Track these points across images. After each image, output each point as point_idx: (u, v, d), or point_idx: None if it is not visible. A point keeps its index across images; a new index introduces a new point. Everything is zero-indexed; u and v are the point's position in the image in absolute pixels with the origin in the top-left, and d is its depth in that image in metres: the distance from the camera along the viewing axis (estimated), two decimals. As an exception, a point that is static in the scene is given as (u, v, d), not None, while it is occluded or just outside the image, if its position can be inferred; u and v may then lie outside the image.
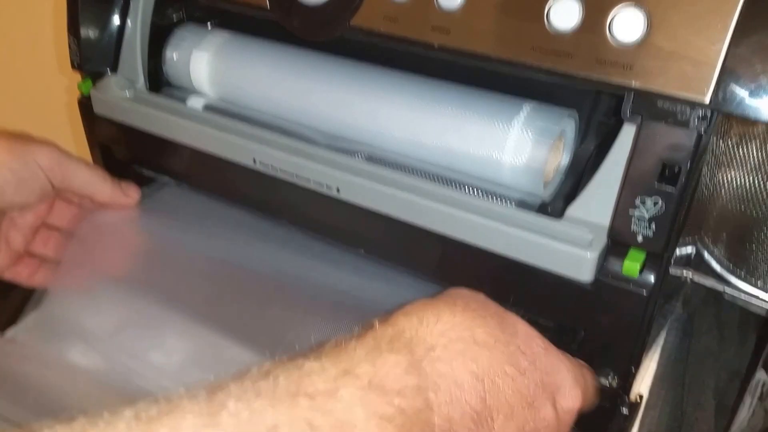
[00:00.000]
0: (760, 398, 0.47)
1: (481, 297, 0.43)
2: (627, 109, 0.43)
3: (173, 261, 0.64)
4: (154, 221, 0.67)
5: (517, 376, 0.39)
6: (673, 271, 0.54)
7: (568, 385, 0.42)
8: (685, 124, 0.42)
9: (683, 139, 0.42)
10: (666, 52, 0.41)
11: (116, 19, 0.66)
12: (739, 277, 0.64)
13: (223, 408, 0.31)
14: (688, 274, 0.65)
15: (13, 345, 0.60)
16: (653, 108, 0.42)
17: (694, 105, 0.41)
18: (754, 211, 0.60)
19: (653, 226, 0.45)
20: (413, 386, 0.35)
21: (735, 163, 0.61)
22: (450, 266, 0.55)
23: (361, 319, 0.55)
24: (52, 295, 0.62)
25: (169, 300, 0.59)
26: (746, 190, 0.61)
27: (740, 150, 0.60)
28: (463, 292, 0.43)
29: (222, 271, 0.62)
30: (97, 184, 0.64)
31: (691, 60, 0.40)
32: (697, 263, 0.65)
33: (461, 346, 0.38)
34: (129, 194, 0.66)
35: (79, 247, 0.65)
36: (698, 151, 0.43)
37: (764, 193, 0.60)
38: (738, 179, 0.61)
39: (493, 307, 0.42)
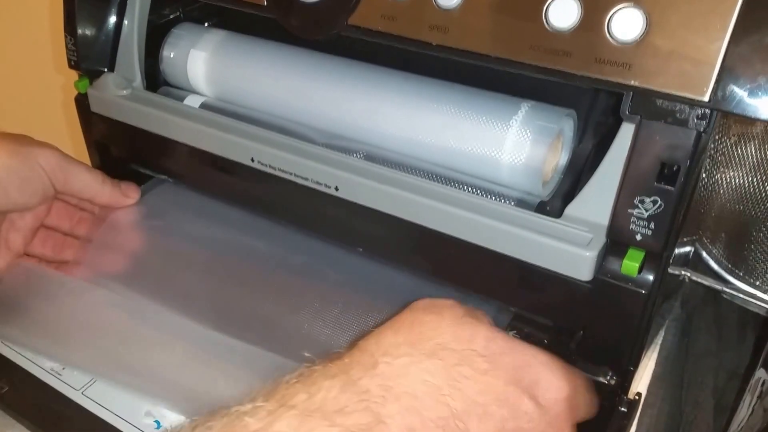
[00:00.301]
0: (760, 397, 0.47)
1: (438, 307, 0.42)
2: (626, 108, 0.43)
3: (167, 261, 0.64)
4: (150, 221, 0.67)
5: (478, 377, 0.38)
6: (672, 270, 0.54)
7: (546, 378, 0.41)
8: (684, 123, 0.41)
9: (682, 138, 0.42)
10: (665, 51, 0.41)
11: (113, 18, 0.66)
12: (737, 276, 0.64)
13: None
14: (686, 273, 0.65)
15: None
16: (652, 107, 0.42)
17: (693, 104, 0.41)
18: (752, 211, 0.60)
19: (652, 225, 0.45)
20: (355, 403, 0.34)
21: (733, 163, 0.61)
22: (448, 265, 0.55)
23: (351, 312, 0.56)
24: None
25: (165, 297, 0.59)
26: (745, 190, 0.61)
27: (739, 150, 0.60)
28: (419, 305, 0.42)
29: (219, 269, 0.62)
30: (96, 186, 0.65)
31: (690, 59, 0.40)
32: (695, 263, 0.65)
33: (407, 360, 0.37)
34: (129, 195, 0.67)
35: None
36: (697, 151, 0.42)
37: (763, 193, 0.60)
38: (736, 179, 0.61)
39: (450, 314, 0.41)
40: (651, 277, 0.47)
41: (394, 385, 0.36)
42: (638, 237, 0.45)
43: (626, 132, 0.45)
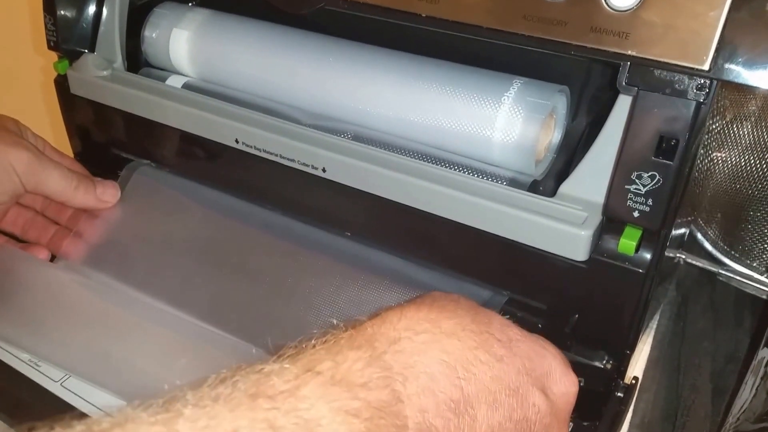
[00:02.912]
0: (764, 378, 0.46)
1: (454, 296, 0.42)
2: (623, 79, 0.42)
3: (148, 248, 0.63)
4: (131, 207, 0.66)
5: (493, 363, 0.38)
6: (667, 253, 0.53)
7: (558, 370, 0.41)
8: (683, 94, 0.40)
9: (681, 109, 0.41)
10: (663, 19, 0.39)
11: (93, -3, 0.64)
12: (733, 258, 0.63)
13: (179, 416, 0.30)
14: (681, 256, 0.64)
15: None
16: (650, 78, 0.41)
17: (692, 73, 0.40)
18: (748, 190, 0.60)
19: (650, 201, 0.43)
20: (378, 378, 0.34)
21: (729, 142, 0.60)
22: (440, 247, 0.53)
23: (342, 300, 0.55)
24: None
25: (148, 287, 0.58)
26: (741, 169, 0.60)
27: (734, 129, 0.59)
28: (437, 294, 0.42)
29: (202, 255, 0.61)
30: (69, 191, 0.63)
31: (689, 27, 0.39)
32: (690, 245, 0.64)
33: (427, 336, 0.37)
34: (104, 199, 0.65)
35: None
36: (697, 123, 0.41)
37: (759, 172, 0.59)
38: (732, 158, 0.60)
39: (466, 302, 0.41)
40: (648, 256, 0.46)
41: (414, 363, 0.36)
42: (635, 214, 0.44)
43: (623, 105, 0.44)
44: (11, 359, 0.54)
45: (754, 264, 0.61)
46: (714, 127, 0.59)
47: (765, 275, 0.61)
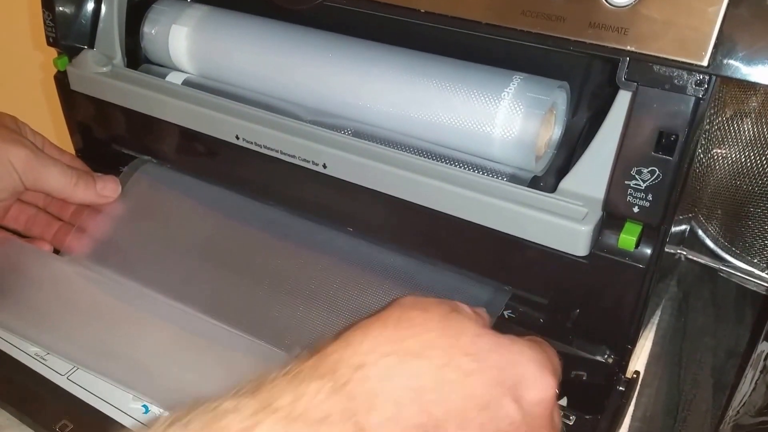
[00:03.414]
0: (763, 371, 0.46)
1: (425, 303, 0.40)
2: (622, 75, 0.42)
3: (151, 244, 0.63)
4: (133, 204, 0.66)
5: (462, 380, 0.37)
6: (667, 249, 0.53)
7: (532, 376, 0.39)
8: (682, 89, 0.40)
9: (680, 105, 0.41)
10: (662, 15, 0.39)
11: (92, -7, 0.64)
12: (733, 254, 0.63)
13: None
14: (682, 252, 0.64)
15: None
16: (649, 73, 0.41)
17: (691, 69, 0.39)
18: (749, 186, 0.59)
19: (650, 196, 0.43)
20: (339, 411, 0.33)
21: (729, 139, 0.60)
22: (441, 243, 0.53)
23: (343, 296, 0.55)
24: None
25: (150, 283, 0.59)
26: (741, 165, 0.60)
27: (734, 125, 0.59)
28: (406, 301, 0.40)
29: (204, 252, 0.61)
30: (68, 188, 0.63)
31: (687, 22, 0.39)
32: (691, 241, 0.64)
33: (392, 360, 0.36)
34: (104, 194, 0.65)
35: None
36: (696, 118, 0.41)
37: (759, 168, 0.59)
38: (732, 154, 0.60)
39: (438, 310, 0.40)
40: (649, 251, 0.46)
41: (379, 391, 0.35)
42: (635, 209, 0.44)
43: (622, 101, 0.44)
44: (18, 353, 0.54)
45: (755, 260, 0.61)
46: (714, 123, 0.59)
47: (766, 271, 0.61)
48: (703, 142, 0.58)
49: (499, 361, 0.38)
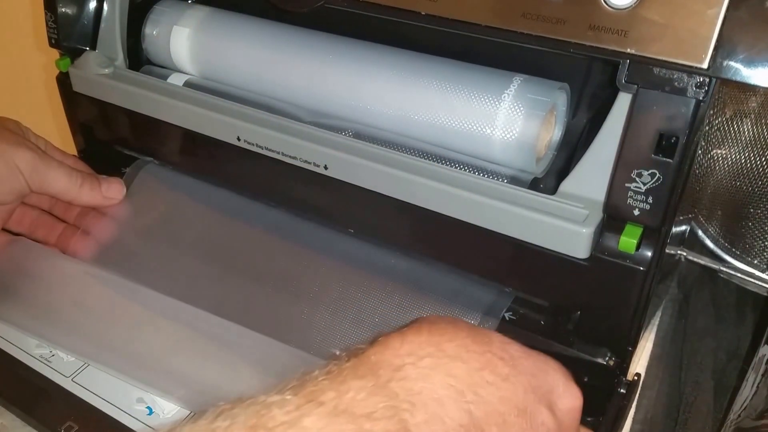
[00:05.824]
0: (765, 375, 0.46)
1: (450, 318, 0.42)
2: (622, 77, 0.42)
3: (155, 245, 0.63)
4: (137, 205, 0.66)
5: (500, 383, 0.37)
6: (668, 250, 0.53)
7: (563, 384, 0.40)
8: (682, 91, 0.40)
9: (681, 107, 0.41)
10: (662, 17, 0.39)
11: (94, -6, 0.64)
12: (734, 255, 0.63)
13: None
14: (682, 253, 0.64)
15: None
16: (649, 75, 0.41)
17: (691, 71, 0.39)
18: (749, 187, 0.60)
19: (650, 199, 0.43)
20: (383, 408, 0.33)
21: (729, 139, 0.60)
22: (442, 245, 0.53)
23: (348, 298, 0.55)
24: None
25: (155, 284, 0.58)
26: (741, 166, 0.60)
27: (734, 126, 0.59)
28: (432, 318, 0.41)
29: (209, 252, 0.61)
30: (73, 190, 0.63)
31: (687, 25, 0.39)
32: (691, 242, 0.64)
33: (432, 361, 0.36)
34: (109, 196, 0.65)
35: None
36: (696, 121, 0.41)
37: (759, 168, 0.59)
38: (732, 155, 0.60)
39: (464, 323, 0.41)
40: (649, 254, 0.46)
41: (421, 390, 0.35)
42: (636, 212, 0.44)
43: (622, 103, 0.44)
44: (23, 355, 0.54)
45: (755, 261, 0.61)
46: (714, 124, 0.59)
47: (766, 273, 0.61)
48: (703, 143, 0.58)
49: (531, 367, 0.39)
